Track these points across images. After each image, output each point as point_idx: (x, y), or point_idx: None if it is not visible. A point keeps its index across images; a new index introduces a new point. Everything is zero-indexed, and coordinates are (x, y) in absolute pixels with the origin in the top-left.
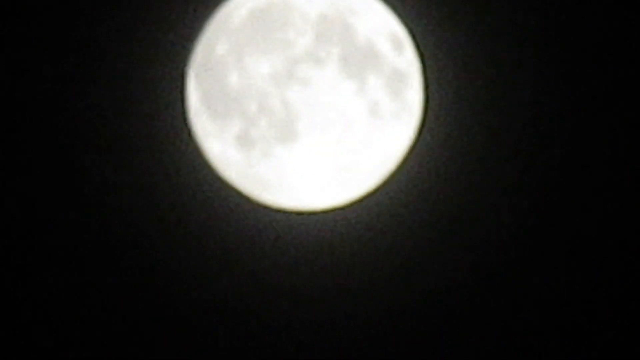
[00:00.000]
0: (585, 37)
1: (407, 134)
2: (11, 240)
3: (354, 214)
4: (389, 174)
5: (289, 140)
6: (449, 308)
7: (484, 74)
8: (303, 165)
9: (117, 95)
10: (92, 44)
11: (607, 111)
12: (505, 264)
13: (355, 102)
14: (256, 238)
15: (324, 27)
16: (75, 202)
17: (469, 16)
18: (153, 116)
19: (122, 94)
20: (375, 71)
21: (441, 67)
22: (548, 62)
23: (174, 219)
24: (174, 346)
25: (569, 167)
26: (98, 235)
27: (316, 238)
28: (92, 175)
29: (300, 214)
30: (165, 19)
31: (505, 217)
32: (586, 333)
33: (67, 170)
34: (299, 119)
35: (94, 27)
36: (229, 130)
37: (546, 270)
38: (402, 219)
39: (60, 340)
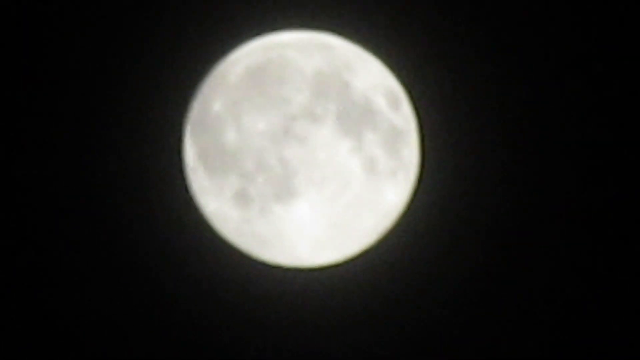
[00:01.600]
0: (590, 90)
1: (404, 192)
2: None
3: (351, 271)
4: (385, 231)
5: (286, 198)
6: None
7: (480, 132)
8: (300, 222)
9: (113, 152)
10: (88, 100)
11: (624, 162)
12: (503, 319)
13: (352, 159)
14: (254, 295)
15: (321, 83)
16: (71, 258)
17: (466, 73)
18: (150, 172)
19: (118, 151)
20: (372, 128)
21: (438, 124)
22: (549, 119)
23: (170, 276)
24: None
25: (566, 222)
26: (94, 291)
27: (314, 294)
28: (88, 231)
29: (297, 270)
30: (161, 76)
31: (502, 274)
32: None
33: (63, 226)
34: (296, 176)
35: (90, 84)
36: (226, 187)
37: (547, 329)
38: (399, 276)
39: None
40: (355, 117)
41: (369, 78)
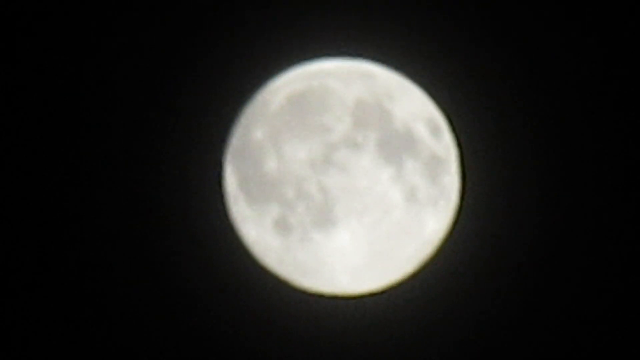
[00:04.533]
0: (628, 119)
1: (444, 220)
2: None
3: (391, 300)
4: (426, 259)
5: (327, 226)
6: None
7: (521, 160)
8: (341, 251)
9: (154, 180)
10: (130, 127)
11: None
12: (546, 345)
13: (392, 188)
14: (294, 323)
15: (362, 112)
16: (113, 288)
17: (506, 102)
18: (191, 201)
19: (159, 179)
20: (413, 156)
21: (478, 153)
22: (593, 147)
23: (211, 304)
24: None
25: (611, 249)
26: (135, 320)
27: (354, 323)
28: (131, 261)
29: (338, 298)
30: (202, 103)
31: (544, 302)
32: None
33: (105, 255)
34: (336, 204)
35: (132, 113)
36: (266, 215)
37: (588, 344)
38: (440, 305)
39: None
40: (396, 145)
41: (410, 106)
